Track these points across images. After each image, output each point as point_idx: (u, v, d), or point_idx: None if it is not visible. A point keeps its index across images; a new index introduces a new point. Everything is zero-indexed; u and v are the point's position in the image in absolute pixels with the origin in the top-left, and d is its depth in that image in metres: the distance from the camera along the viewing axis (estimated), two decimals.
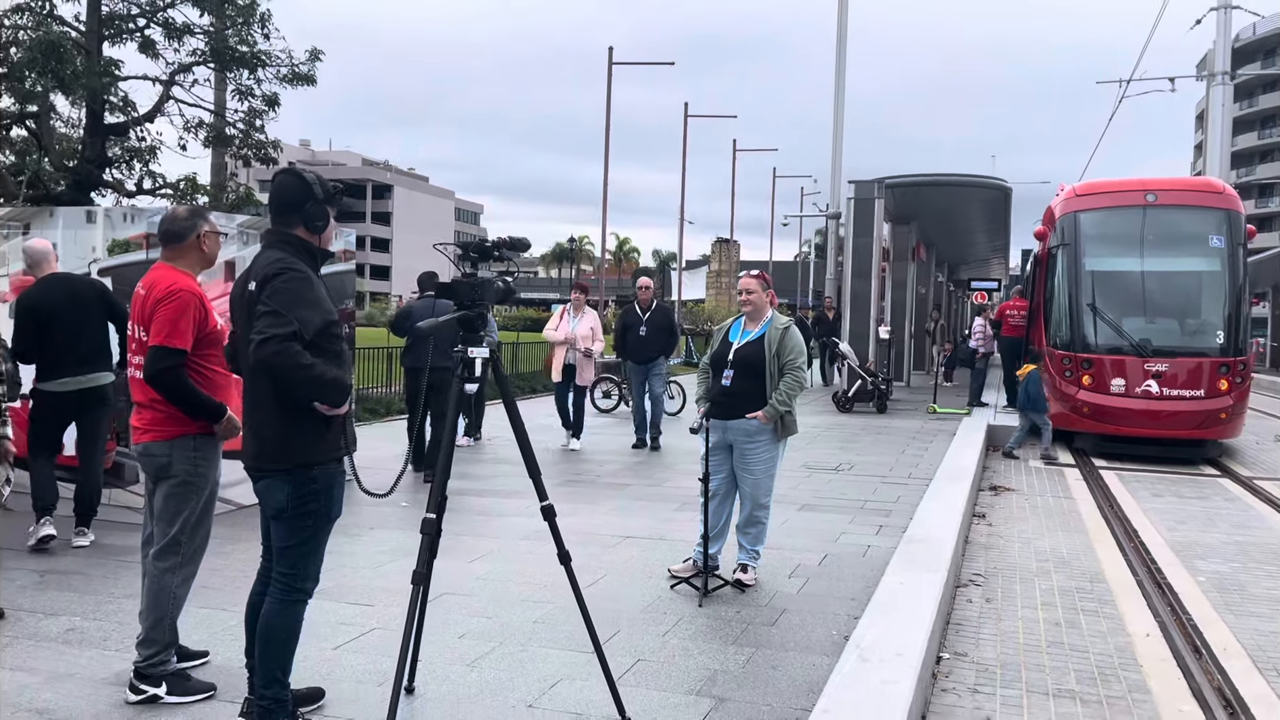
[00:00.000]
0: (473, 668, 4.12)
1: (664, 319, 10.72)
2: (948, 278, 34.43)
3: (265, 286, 3.17)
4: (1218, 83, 20.95)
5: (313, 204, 3.36)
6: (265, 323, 3.10)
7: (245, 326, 3.31)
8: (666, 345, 10.66)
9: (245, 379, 3.39)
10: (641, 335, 10.61)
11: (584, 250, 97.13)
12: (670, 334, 10.65)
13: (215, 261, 4.00)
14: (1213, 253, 12.54)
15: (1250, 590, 6.22)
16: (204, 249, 3.88)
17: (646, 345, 10.58)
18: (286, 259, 3.28)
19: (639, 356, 10.62)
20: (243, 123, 18.77)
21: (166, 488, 3.74)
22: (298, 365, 3.08)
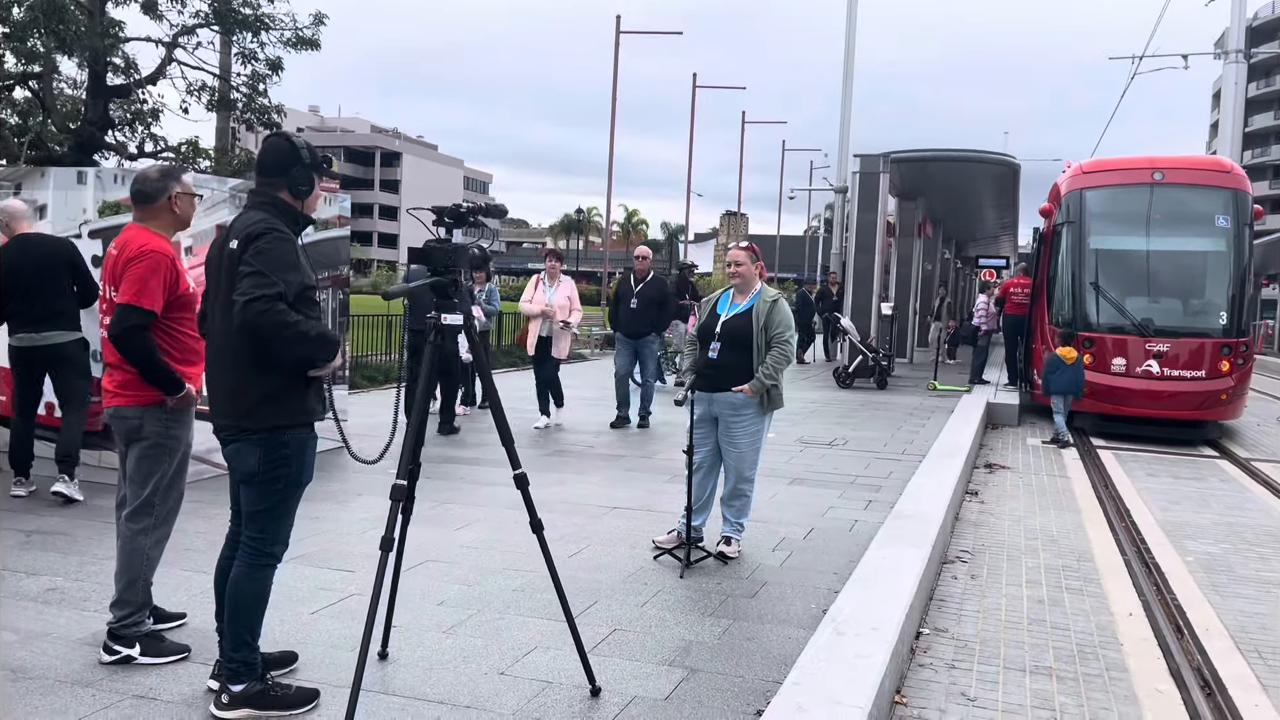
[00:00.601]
0: (448, 634, 4.12)
1: (657, 292, 10.22)
2: (955, 255, 34.22)
3: (249, 246, 3.16)
4: (1231, 60, 20.67)
5: (299, 168, 3.34)
6: (250, 283, 3.08)
7: (223, 286, 3.28)
8: (658, 320, 10.24)
9: (215, 340, 3.37)
10: (632, 308, 10.13)
11: (592, 221, 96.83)
12: (662, 308, 10.23)
13: (190, 223, 3.96)
14: (1218, 232, 12.41)
15: (1238, 571, 6.20)
16: (176, 210, 3.84)
17: (636, 319, 10.12)
18: (269, 219, 3.26)
19: (628, 330, 10.21)
20: (246, 86, 18.69)
21: (138, 450, 3.74)
22: (284, 324, 3.08)
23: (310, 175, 3.37)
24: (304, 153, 3.35)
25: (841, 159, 19.96)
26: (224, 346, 3.30)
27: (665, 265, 78.24)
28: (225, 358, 3.29)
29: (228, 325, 3.25)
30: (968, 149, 17.58)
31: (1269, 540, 7.06)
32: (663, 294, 10.31)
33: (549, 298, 9.89)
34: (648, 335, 10.20)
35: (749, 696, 3.60)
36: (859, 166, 17.15)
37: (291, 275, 3.18)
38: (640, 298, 10.12)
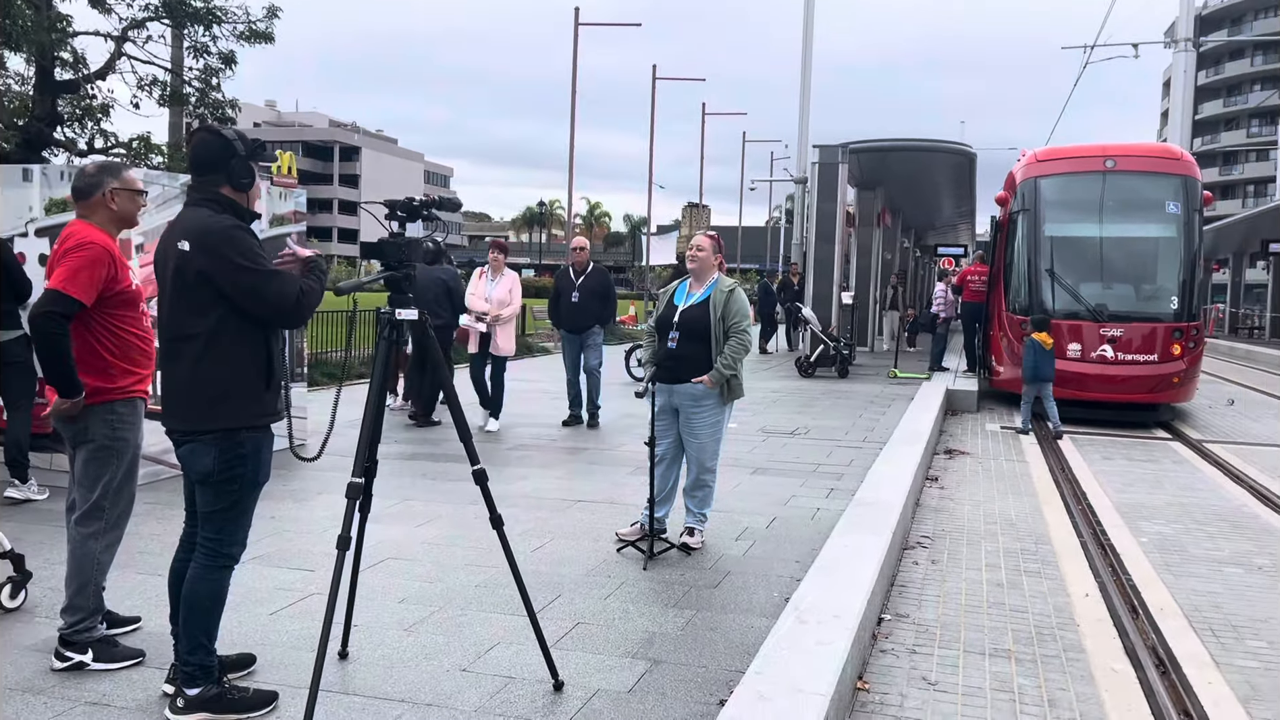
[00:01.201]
0: (409, 632, 4.09)
1: (599, 284, 9.84)
2: (914, 244, 34.53)
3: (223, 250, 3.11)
4: (1180, 49, 21.02)
5: (236, 160, 3.28)
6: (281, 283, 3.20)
7: (172, 285, 3.23)
8: (601, 313, 9.84)
9: (166, 341, 3.31)
10: (574, 302, 9.73)
11: (554, 214, 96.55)
12: (605, 300, 9.86)
13: (134, 221, 3.88)
14: (1169, 219, 12.63)
15: (1190, 551, 6.32)
16: (112, 206, 3.74)
17: (579, 313, 9.74)
18: (217, 216, 3.20)
19: (571, 325, 9.81)
20: (199, 81, 18.37)
21: (85, 452, 3.66)
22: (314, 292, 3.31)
23: (248, 165, 3.31)
24: (237, 144, 3.29)
25: (801, 150, 20.04)
26: (176, 347, 3.24)
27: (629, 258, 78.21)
28: (178, 358, 3.23)
29: (181, 327, 3.19)
30: (925, 139, 17.75)
31: (1219, 521, 7.20)
32: (605, 286, 9.95)
33: (490, 291, 9.44)
34: (592, 328, 9.81)
35: (712, 686, 3.61)
36: (818, 157, 17.24)
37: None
38: (582, 291, 9.75)
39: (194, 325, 3.18)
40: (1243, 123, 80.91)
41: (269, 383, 3.25)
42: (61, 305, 3.49)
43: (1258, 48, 78.05)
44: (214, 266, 3.11)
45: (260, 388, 3.23)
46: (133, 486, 3.80)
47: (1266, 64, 79.77)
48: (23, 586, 4.29)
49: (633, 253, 77.12)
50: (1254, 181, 78.69)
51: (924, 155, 17.86)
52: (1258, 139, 77.39)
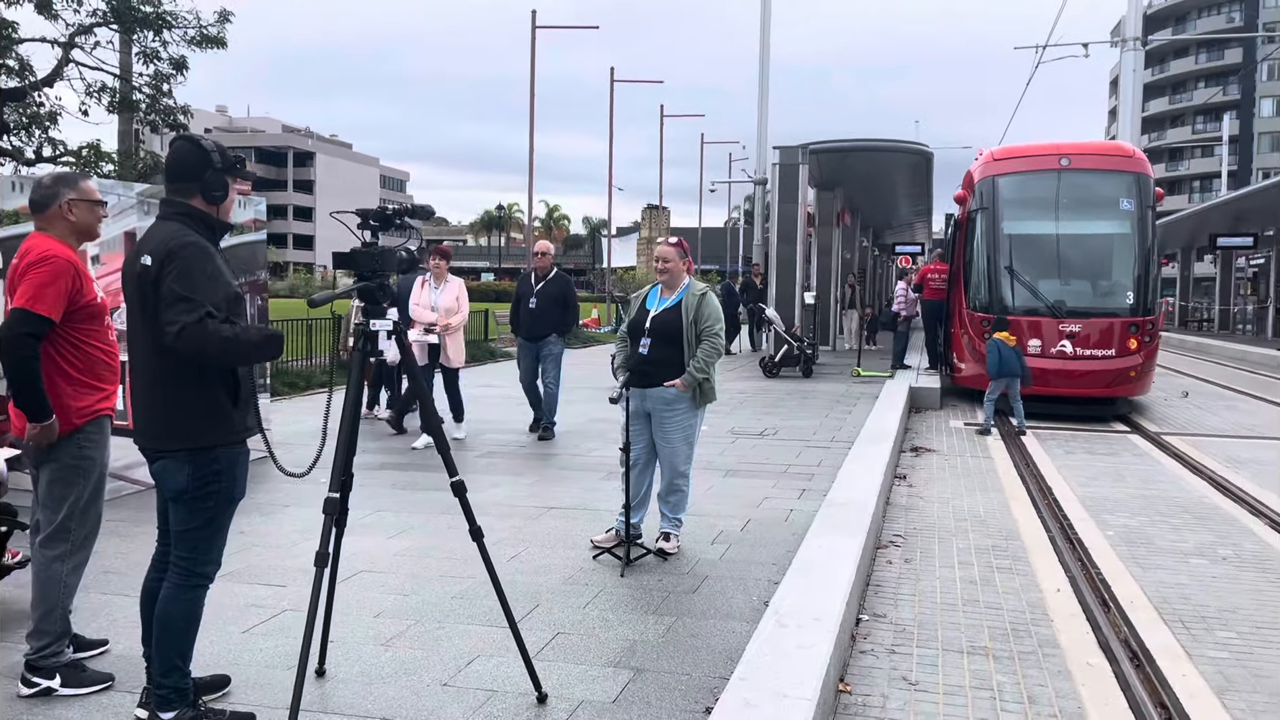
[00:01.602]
0: (387, 647, 4.03)
1: (559, 291, 9.37)
2: (873, 242, 34.88)
3: (166, 265, 3.03)
4: (1129, 48, 21.42)
5: (211, 173, 3.20)
6: (178, 311, 2.99)
7: (136, 301, 3.15)
8: (560, 321, 9.38)
9: (136, 357, 3.22)
10: (531, 308, 9.29)
11: (513, 217, 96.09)
12: (565, 308, 9.39)
13: (94, 233, 3.78)
14: (1123, 215, 12.85)
15: (1156, 543, 6.42)
16: (70, 218, 3.64)
17: (537, 320, 9.29)
18: (184, 231, 3.13)
19: (528, 333, 9.37)
20: (149, 87, 18.05)
21: (49, 472, 3.55)
22: (223, 339, 3.02)
23: (223, 179, 3.23)
24: (214, 155, 3.21)
25: (760, 151, 20.14)
26: (146, 363, 3.16)
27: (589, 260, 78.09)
28: (148, 374, 3.15)
29: (148, 342, 3.12)
30: (884, 139, 17.93)
31: (1181, 512, 7.33)
32: (565, 293, 9.47)
33: (435, 300, 8.93)
34: (549, 337, 9.35)
35: (697, 694, 3.59)
36: (778, 158, 17.33)
37: (214, 288, 3.09)
38: (541, 297, 9.31)
39: (159, 341, 3.11)
40: (1188, 119, 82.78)
41: (236, 399, 3.18)
42: (31, 325, 3.40)
43: (1201, 45, 79.91)
44: (161, 281, 3.04)
45: (227, 405, 3.16)
46: (99, 506, 3.70)
47: (1210, 61, 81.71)
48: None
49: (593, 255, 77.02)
50: (1200, 177, 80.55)
51: (883, 155, 18.03)
52: (1203, 135, 79.14)
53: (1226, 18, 79.15)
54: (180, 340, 2.98)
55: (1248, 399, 15.08)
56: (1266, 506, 7.36)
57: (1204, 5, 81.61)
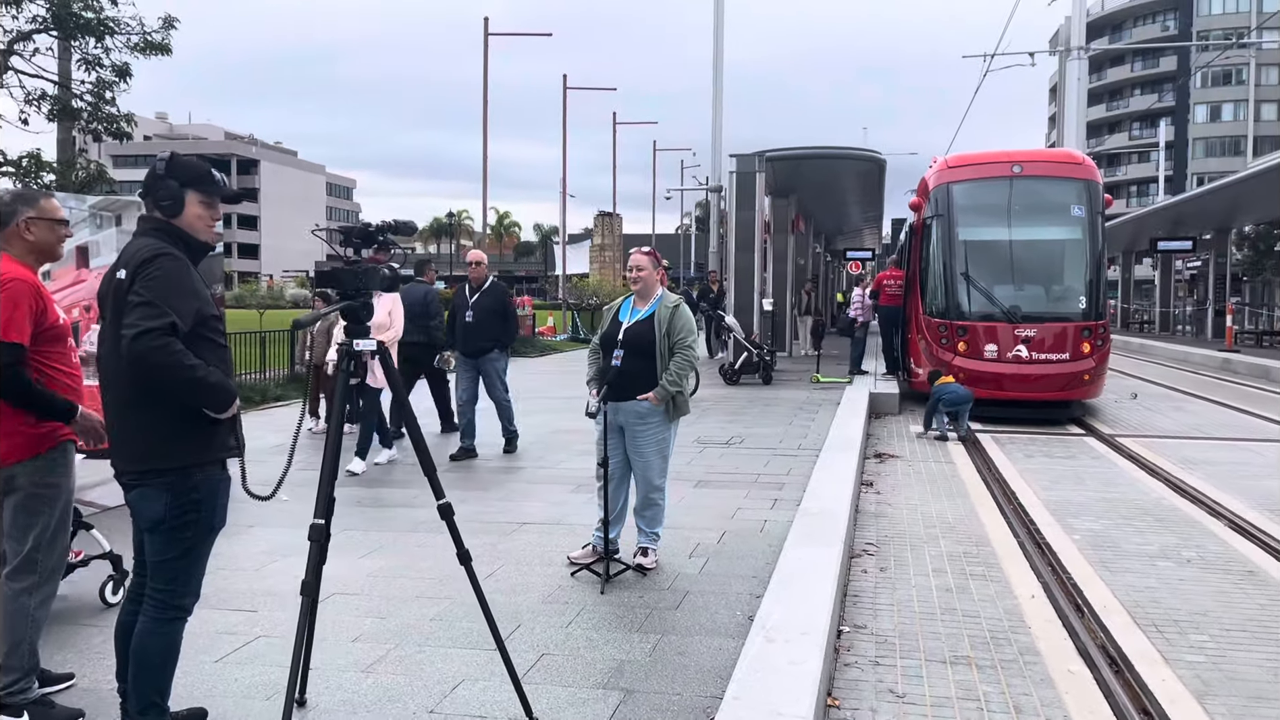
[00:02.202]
0: (368, 673, 3.93)
1: (496, 302, 8.88)
2: (825, 248, 35.21)
3: (137, 275, 2.92)
4: (1073, 57, 21.88)
5: (157, 181, 3.09)
6: (139, 314, 2.87)
7: (113, 318, 3.04)
8: (500, 334, 8.89)
9: (108, 376, 3.11)
10: (468, 321, 8.78)
11: (464, 225, 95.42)
12: (504, 319, 8.95)
13: (55, 253, 3.64)
14: (1074, 221, 13.10)
15: (1122, 546, 6.52)
16: (28, 237, 3.50)
17: (472, 334, 8.77)
18: (156, 244, 3.02)
19: (466, 347, 8.86)
20: (91, 94, 17.60)
21: (14, 501, 3.41)
22: (180, 365, 2.88)
23: (169, 187, 3.08)
24: (159, 164, 3.10)
25: (715, 158, 20.20)
26: (119, 384, 3.05)
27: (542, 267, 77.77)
28: (122, 395, 3.04)
29: (123, 361, 3.00)
30: (837, 146, 18.10)
31: (1143, 515, 7.45)
32: (503, 303, 8.98)
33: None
34: (490, 353, 8.86)
35: (689, 714, 3.55)
36: (736, 166, 17.39)
37: (185, 302, 2.97)
38: (476, 309, 8.79)
39: None
40: (1125, 126, 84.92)
41: (214, 419, 3.06)
42: (9, 355, 3.27)
43: (1137, 54, 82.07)
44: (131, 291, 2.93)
45: (206, 424, 3.05)
46: (66, 537, 3.56)
47: (1146, 69, 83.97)
48: (121, 584, 4.61)
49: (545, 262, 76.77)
50: (1137, 182, 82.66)
51: (837, 162, 18.20)
52: (1140, 141, 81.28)
53: (1161, 26, 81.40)
54: (137, 345, 2.84)
55: (1193, 399, 15.44)
56: (1224, 508, 7.52)
57: (1140, 14, 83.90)
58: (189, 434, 3.04)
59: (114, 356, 3.04)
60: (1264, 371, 19.09)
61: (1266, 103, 78.48)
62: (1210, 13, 78.85)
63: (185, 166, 3.12)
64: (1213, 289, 33.02)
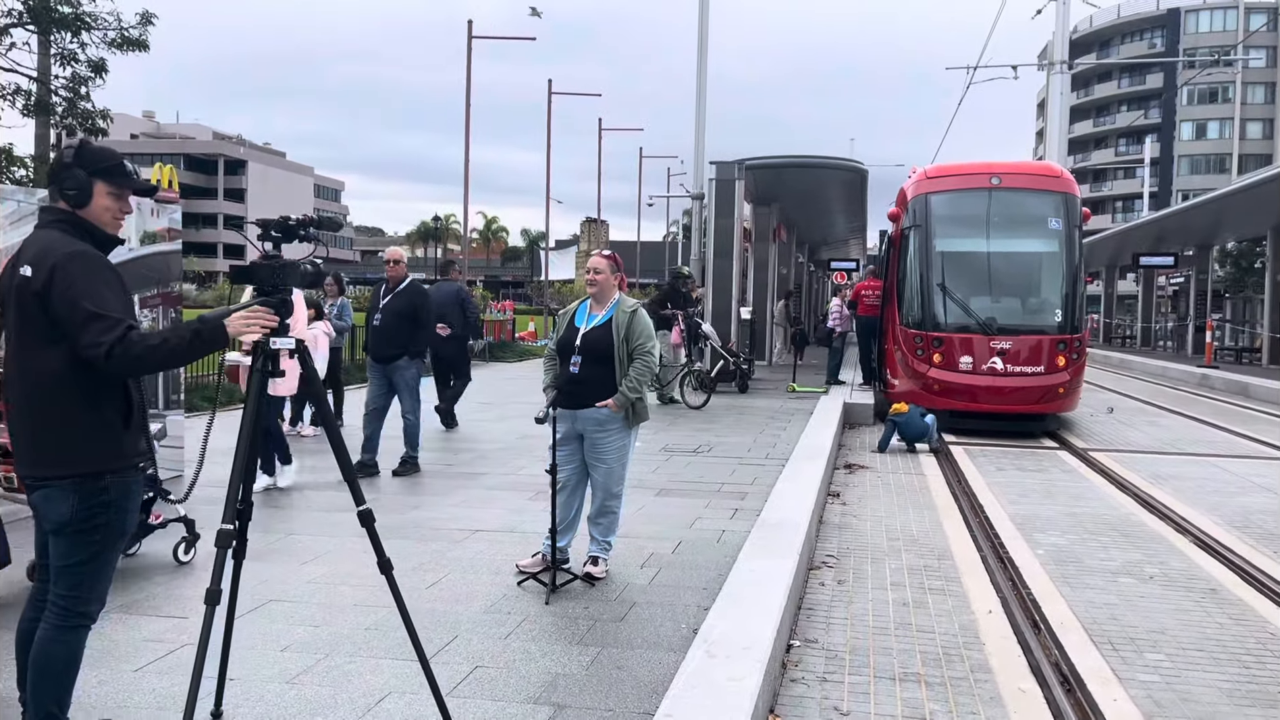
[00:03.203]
0: (292, 684, 3.79)
1: (407, 305, 8.10)
2: (808, 258, 35.18)
3: (55, 277, 2.79)
4: (1056, 71, 21.92)
5: (64, 170, 2.95)
6: (96, 331, 2.77)
7: (16, 316, 2.90)
8: (409, 341, 8.08)
9: (13, 377, 2.97)
10: (376, 325, 8.15)
11: (450, 229, 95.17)
12: (415, 324, 8.14)
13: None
14: (1051, 234, 13.04)
15: (1085, 562, 6.43)
16: None
17: (381, 339, 8.13)
18: (65, 240, 2.89)
19: (374, 353, 8.21)
20: (66, 90, 17.43)
21: None
22: (150, 350, 2.85)
23: (77, 177, 2.93)
24: (67, 152, 2.97)
25: (697, 166, 20.11)
26: (26, 383, 2.91)
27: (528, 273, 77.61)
28: (30, 394, 2.90)
29: (28, 360, 2.87)
30: (819, 156, 18.05)
31: (1109, 530, 7.37)
32: (415, 307, 8.19)
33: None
34: (398, 360, 8.07)
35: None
36: (715, 173, 17.31)
37: (120, 297, 2.90)
38: (386, 312, 8.05)
39: (41, 359, 2.87)
40: (1111, 142, 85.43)
41: (128, 421, 2.94)
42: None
43: (1124, 70, 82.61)
44: (50, 293, 2.80)
45: (118, 427, 2.92)
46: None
47: (1132, 85, 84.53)
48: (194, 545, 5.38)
49: (531, 268, 76.57)
50: (1122, 198, 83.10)
51: (818, 171, 18.14)
52: (1125, 157, 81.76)
53: (1149, 43, 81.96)
54: (111, 363, 2.79)
55: (1169, 414, 15.41)
56: (1191, 524, 7.44)
57: (1127, 31, 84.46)
58: (99, 437, 2.91)
59: (16, 358, 2.91)
60: (1242, 388, 19.11)
61: (1252, 121, 79.10)
62: (1197, 30, 79.45)
63: (94, 155, 2.98)
64: (1194, 305, 33.12)
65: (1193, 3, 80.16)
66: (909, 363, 12.99)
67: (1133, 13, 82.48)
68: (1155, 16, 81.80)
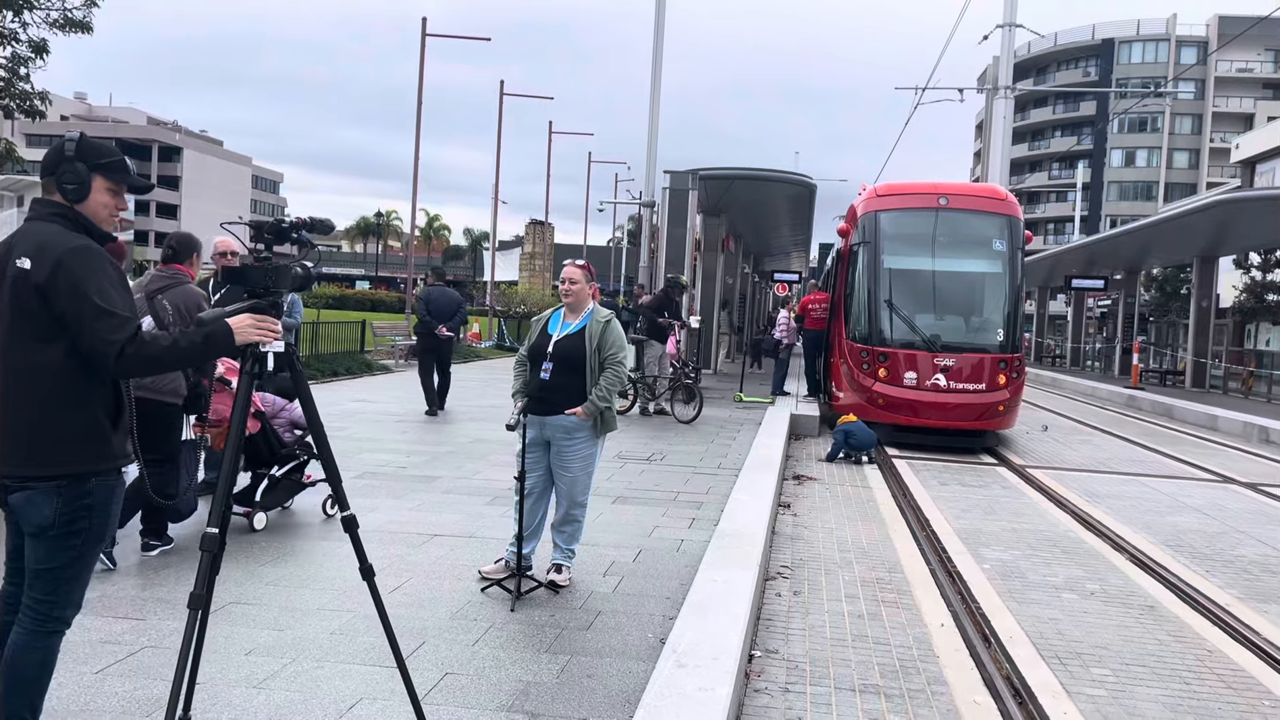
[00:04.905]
0: (260, 689, 3.75)
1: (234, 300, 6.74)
2: (754, 269, 35.52)
3: (59, 272, 2.76)
4: (1000, 96, 22.51)
5: (64, 163, 2.91)
6: (107, 329, 2.75)
7: (10, 312, 2.83)
8: None
9: (5, 370, 2.89)
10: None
11: (391, 225, 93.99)
12: None
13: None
14: (995, 255, 13.40)
15: (1029, 577, 6.63)
16: None
17: None
18: (66, 234, 2.84)
19: None
20: (4, 70, 16.88)
21: None
22: (164, 351, 2.86)
23: (77, 169, 2.89)
24: (68, 145, 2.92)
25: (649, 174, 20.23)
26: (16, 379, 2.84)
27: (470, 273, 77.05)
28: (20, 392, 2.83)
29: (20, 355, 2.81)
30: (769, 169, 18.26)
31: (1050, 546, 7.60)
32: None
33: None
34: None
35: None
36: (669, 182, 17.43)
37: (127, 296, 2.88)
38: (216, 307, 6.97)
39: (35, 356, 2.81)
40: (1045, 165, 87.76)
41: (117, 422, 2.89)
42: None
43: (1059, 96, 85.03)
44: (54, 288, 2.75)
45: (106, 427, 2.87)
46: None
47: (1067, 112, 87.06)
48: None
49: (473, 268, 76.04)
50: (1055, 220, 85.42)
51: (769, 184, 18.36)
52: (1059, 181, 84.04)
53: (1083, 71, 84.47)
54: (122, 362, 2.77)
55: (1100, 434, 15.91)
56: (1127, 542, 7.71)
57: (1063, 59, 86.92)
58: (85, 438, 2.85)
59: (6, 352, 2.84)
60: (1166, 409, 19.80)
61: (1179, 150, 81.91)
62: (1130, 61, 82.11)
63: (95, 149, 2.93)
64: (1121, 327, 34.21)
65: (1126, 34, 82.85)
66: (854, 376, 13.23)
67: (1069, 41, 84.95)
68: (1090, 46, 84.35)
